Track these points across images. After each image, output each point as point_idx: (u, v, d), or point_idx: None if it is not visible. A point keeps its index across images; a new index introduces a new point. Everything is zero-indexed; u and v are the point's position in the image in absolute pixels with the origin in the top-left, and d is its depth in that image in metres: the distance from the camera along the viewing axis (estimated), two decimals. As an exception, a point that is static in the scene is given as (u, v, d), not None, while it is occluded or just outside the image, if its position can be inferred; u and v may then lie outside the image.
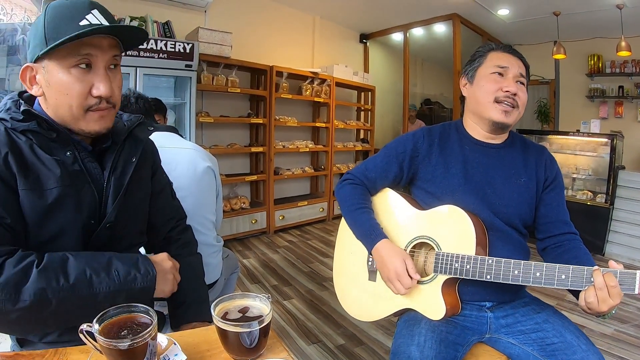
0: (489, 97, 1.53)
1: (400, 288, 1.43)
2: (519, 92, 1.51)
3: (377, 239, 1.52)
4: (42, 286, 0.96)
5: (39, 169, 1.07)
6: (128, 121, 1.31)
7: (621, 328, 3.18)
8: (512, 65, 1.53)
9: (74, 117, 1.11)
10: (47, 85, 1.08)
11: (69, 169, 1.11)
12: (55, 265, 1.00)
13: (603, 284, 1.14)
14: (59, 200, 1.08)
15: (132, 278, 1.09)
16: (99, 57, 1.09)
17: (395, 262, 1.43)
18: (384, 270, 1.49)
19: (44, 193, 1.07)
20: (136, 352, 0.81)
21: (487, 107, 1.53)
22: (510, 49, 1.59)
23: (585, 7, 5.75)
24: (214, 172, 2.15)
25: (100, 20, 1.07)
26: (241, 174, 5.66)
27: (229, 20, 5.45)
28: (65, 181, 1.10)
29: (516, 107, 1.52)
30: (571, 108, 7.51)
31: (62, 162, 1.11)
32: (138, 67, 4.01)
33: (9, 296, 0.93)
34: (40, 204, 1.06)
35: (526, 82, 1.57)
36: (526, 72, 1.57)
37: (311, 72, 6.06)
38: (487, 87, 1.54)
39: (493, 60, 1.57)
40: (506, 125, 1.54)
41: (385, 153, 1.68)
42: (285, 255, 4.83)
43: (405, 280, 1.41)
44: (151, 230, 1.45)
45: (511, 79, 1.52)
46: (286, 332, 3.01)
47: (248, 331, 0.91)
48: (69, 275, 1.00)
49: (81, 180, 1.14)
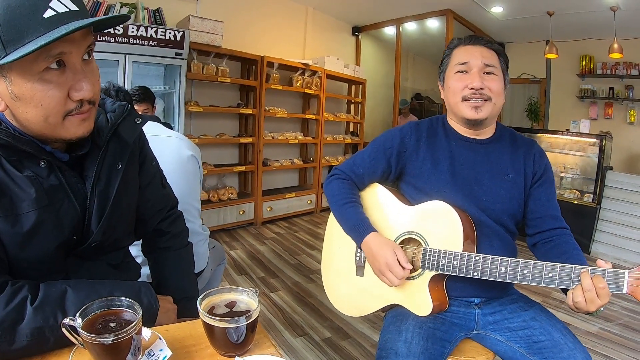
0: (457, 97, 1.52)
1: (392, 279, 1.41)
2: (487, 83, 1.47)
3: (366, 232, 1.50)
4: (39, 325, 0.87)
5: (11, 190, 0.93)
6: (111, 113, 1.14)
7: (606, 326, 3.23)
8: (474, 57, 1.50)
9: (50, 127, 0.93)
10: (13, 98, 0.87)
11: (44, 185, 0.97)
12: (52, 299, 0.91)
13: (591, 286, 1.13)
14: (36, 225, 0.95)
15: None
16: (73, 53, 0.89)
17: (386, 253, 1.42)
18: (374, 262, 1.47)
19: (18, 218, 0.93)
20: (120, 346, 0.78)
21: (457, 106, 1.52)
22: (472, 39, 1.56)
23: (579, 8, 5.79)
24: (198, 161, 2.14)
25: (67, 6, 0.86)
26: (230, 165, 5.64)
27: (221, 8, 5.39)
28: (42, 201, 0.96)
29: (487, 99, 1.48)
30: (561, 107, 7.59)
31: (36, 179, 0.96)
32: (127, 54, 3.95)
33: (4, 337, 0.84)
34: (15, 231, 0.93)
35: (500, 68, 1.52)
36: (499, 58, 1.53)
37: (302, 64, 6.04)
38: (453, 87, 1.53)
39: (455, 58, 1.55)
40: (479, 120, 1.51)
41: (373, 148, 1.66)
42: (273, 247, 4.83)
43: (397, 270, 1.39)
44: (140, 224, 1.35)
45: (475, 73, 1.48)
46: (273, 325, 3.00)
47: (235, 327, 0.88)
48: (68, 312, 0.90)
49: (60, 195, 1.00)
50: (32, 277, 0.95)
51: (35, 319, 0.87)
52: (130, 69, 3.99)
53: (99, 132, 1.08)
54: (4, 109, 0.90)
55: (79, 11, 0.89)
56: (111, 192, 1.10)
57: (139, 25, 4.03)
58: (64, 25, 0.84)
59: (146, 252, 1.45)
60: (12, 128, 0.94)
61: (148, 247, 1.44)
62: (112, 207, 1.10)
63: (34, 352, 0.89)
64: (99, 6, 4.02)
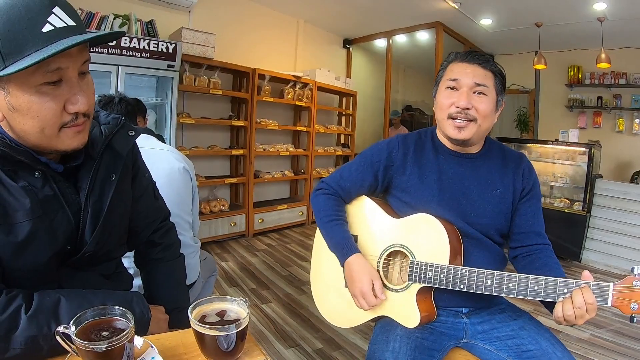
0: (443, 113, 1.50)
1: (363, 304, 1.45)
2: (474, 103, 1.45)
3: (349, 253, 1.52)
4: (33, 334, 0.89)
5: (6, 200, 0.94)
6: (105, 125, 1.16)
7: (597, 333, 3.26)
8: (465, 75, 1.47)
9: (45, 139, 0.95)
10: (10, 109, 0.90)
11: (39, 195, 0.99)
12: (46, 309, 0.93)
13: (582, 303, 1.14)
14: (30, 235, 0.97)
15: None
16: (70, 68, 0.92)
17: (363, 280, 1.44)
18: (351, 285, 1.50)
19: (12, 228, 0.95)
20: (113, 354, 0.80)
21: (443, 123, 1.52)
22: (468, 56, 1.51)
23: (566, 19, 5.86)
24: (190, 174, 2.15)
25: (65, 21, 0.89)
26: (221, 177, 5.65)
27: (213, 21, 5.43)
28: (36, 212, 0.98)
29: (472, 120, 1.46)
30: (550, 117, 7.65)
31: (31, 189, 0.98)
32: (120, 66, 3.97)
33: None
34: (10, 240, 0.95)
35: (493, 87, 1.48)
36: (494, 77, 1.49)
37: (293, 76, 6.08)
38: (441, 103, 1.52)
39: (449, 73, 1.52)
40: (461, 140, 1.49)
41: (360, 162, 1.66)
42: (264, 259, 4.82)
43: (369, 298, 1.42)
44: (132, 235, 1.36)
45: (465, 92, 1.45)
46: (264, 336, 3.00)
47: (225, 334, 0.90)
48: (61, 320, 0.92)
49: (54, 206, 1.02)
50: (25, 287, 0.97)
51: (29, 327, 0.89)
52: (123, 80, 3.99)
53: (93, 144, 1.10)
54: (1, 119, 0.93)
55: (76, 26, 0.92)
56: (104, 203, 1.12)
57: (131, 37, 4.05)
58: (62, 40, 0.87)
59: (138, 264, 1.46)
60: (9, 138, 0.96)
61: (140, 259, 1.45)
62: (106, 217, 1.12)
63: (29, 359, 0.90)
64: (92, 17, 4.05)
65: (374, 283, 1.43)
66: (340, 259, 1.55)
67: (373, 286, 1.43)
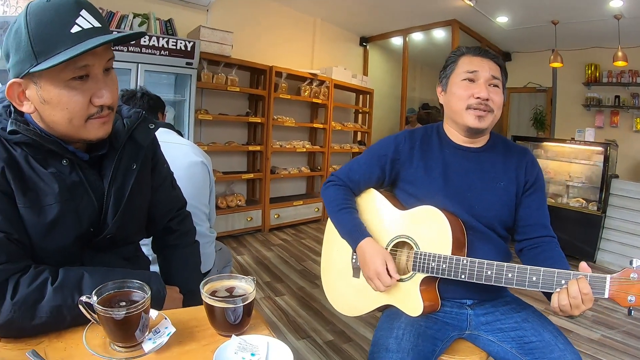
0: (462, 104, 1.54)
1: (379, 285, 1.48)
2: (491, 95, 1.51)
3: (361, 237, 1.56)
4: (58, 304, 0.97)
5: (37, 184, 1.04)
6: (127, 118, 1.25)
7: (608, 334, 3.21)
8: (482, 68, 1.53)
9: (73, 129, 1.05)
10: (41, 102, 1.00)
11: (66, 181, 1.08)
12: (70, 283, 1.01)
13: (577, 293, 1.17)
14: (58, 217, 1.06)
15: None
16: (96, 65, 1.02)
17: (376, 262, 1.48)
18: (365, 268, 1.53)
19: (42, 210, 1.04)
20: (130, 321, 0.89)
21: (461, 114, 1.55)
22: (481, 51, 1.59)
23: (583, 17, 5.80)
24: (208, 168, 2.22)
25: (91, 23, 0.99)
26: (238, 172, 5.71)
27: (231, 19, 5.49)
28: (64, 196, 1.07)
29: (490, 110, 1.52)
30: (567, 116, 7.54)
31: (59, 175, 1.07)
32: (139, 63, 4.04)
33: (25, 314, 0.94)
34: (39, 221, 1.04)
35: (502, 82, 1.57)
36: (501, 72, 1.57)
37: (310, 74, 6.10)
38: (458, 94, 1.55)
39: (463, 65, 1.57)
40: (481, 130, 1.55)
41: (368, 155, 1.71)
42: (279, 253, 4.87)
43: (384, 278, 1.46)
44: (150, 222, 1.45)
45: (482, 83, 1.52)
46: (277, 328, 3.05)
47: (233, 307, 0.99)
48: (84, 293, 1.00)
49: (80, 191, 1.11)
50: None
51: (54, 298, 0.98)
52: (143, 77, 4.07)
53: (116, 136, 1.20)
54: (33, 111, 1.04)
55: (101, 27, 1.02)
56: (126, 189, 1.21)
57: (151, 35, 4.13)
58: (89, 40, 0.97)
59: (156, 249, 1.55)
60: (39, 129, 1.06)
61: (158, 245, 1.54)
62: (126, 203, 1.21)
63: (51, 329, 0.99)
64: (112, 16, 4.14)
65: (387, 262, 1.47)
66: (352, 244, 1.60)
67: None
